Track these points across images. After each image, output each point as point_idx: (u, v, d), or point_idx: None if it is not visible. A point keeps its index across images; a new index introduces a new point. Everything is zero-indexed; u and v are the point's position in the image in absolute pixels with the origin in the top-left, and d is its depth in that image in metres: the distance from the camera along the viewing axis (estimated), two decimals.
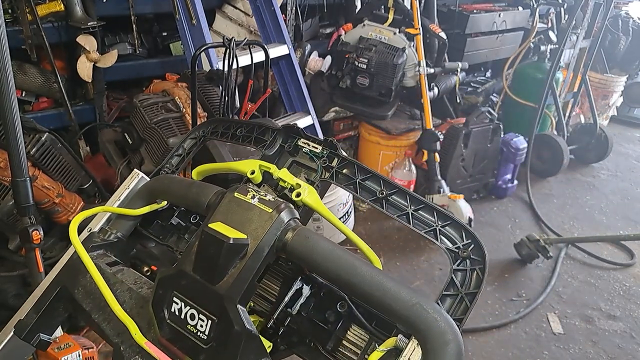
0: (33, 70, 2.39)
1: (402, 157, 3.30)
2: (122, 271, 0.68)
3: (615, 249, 3.21)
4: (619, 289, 2.86)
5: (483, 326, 2.46)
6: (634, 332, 2.54)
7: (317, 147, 0.76)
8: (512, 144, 3.49)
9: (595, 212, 3.67)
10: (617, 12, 4.90)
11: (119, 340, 0.62)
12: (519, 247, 2.95)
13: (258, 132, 0.81)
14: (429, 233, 0.67)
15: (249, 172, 0.73)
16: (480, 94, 4.23)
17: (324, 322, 0.68)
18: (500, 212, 3.52)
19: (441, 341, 0.49)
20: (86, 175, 2.30)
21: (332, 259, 0.57)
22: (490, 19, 3.88)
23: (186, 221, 0.81)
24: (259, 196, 0.60)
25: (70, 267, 0.70)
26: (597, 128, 4.18)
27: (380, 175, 0.72)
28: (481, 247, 0.63)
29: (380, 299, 0.53)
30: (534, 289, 2.79)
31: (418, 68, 3.07)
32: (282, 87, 2.89)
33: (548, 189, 3.91)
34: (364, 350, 0.65)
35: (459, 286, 0.62)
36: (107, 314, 0.64)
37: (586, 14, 3.78)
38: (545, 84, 3.71)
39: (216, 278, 0.56)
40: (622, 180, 4.20)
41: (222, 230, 0.56)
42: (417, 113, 3.42)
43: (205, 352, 0.55)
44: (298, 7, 3.13)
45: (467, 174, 3.41)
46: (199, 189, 0.68)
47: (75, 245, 0.67)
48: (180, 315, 0.57)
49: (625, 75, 4.87)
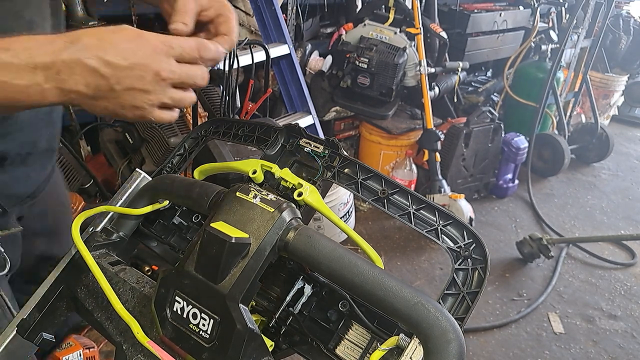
0: None
1: (403, 157, 3.30)
2: (124, 270, 0.68)
3: (616, 249, 3.21)
4: (620, 288, 2.86)
5: (484, 326, 2.46)
6: (635, 331, 2.54)
7: (319, 147, 0.76)
8: (513, 144, 3.49)
9: (596, 211, 3.67)
10: (618, 12, 4.90)
11: (121, 339, 0.62)
12: (521, 245, 2.96)
13: (260, 131, 0.82)
14: (431, 232, 0.67)
15: (251, 171, 0.73)
16: (481, 93, 4.23)
17: (326, 321, 0.68)
18: (501, 212, 3.52)
19: (443, 340, 0.49)
20: (87, 175, 2.30)
21: (334, 258, 0.57)
22: (491, 18, 3.88)
23: (188, 221, 0.81)
24: (260, 196, 0.60)
25: (73, 267, 0.70)
26: (598, 127, 4.18)
27: (381, 175, 0.72)
28: (482, 246, 0.63)
29: (381, 298, 0.53)
30: (535, 288, 2.79)
31: (419, 67, 3.07)
32: (283, 86, 2.89)
33: (549, 189, 3.91)
34: (365, 349, 0.65)
35: (460, 285, 0.62)
36: (110, 313, 0.64)
37: (587, 13, 3.78)
38: (546, 83, 3.71)
39: (218, 277, 0.56)
40: (623, 179, 4.19)
41: (224, 229, 0.56)
42: (418, 113, 3.42)
43: (208, 351, 0.55)
44: (299, 7, 3.13)
45: (468, 174, 3.41)
46: (200, 189, 0.68)
47: (78, 244, 0.67)
48: (182, 314, 0.57)
49: (626, 75, 4.87)
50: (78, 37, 0.59)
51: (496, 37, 3.98)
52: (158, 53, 0.60)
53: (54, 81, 0.58)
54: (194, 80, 0.65)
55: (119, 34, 0.60)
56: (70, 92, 0.59)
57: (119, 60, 0.58)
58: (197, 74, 0.65)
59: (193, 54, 0.63)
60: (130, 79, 0.59)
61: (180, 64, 0.63)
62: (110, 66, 0.58)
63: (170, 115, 0.66)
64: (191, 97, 0.67)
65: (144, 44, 0.60)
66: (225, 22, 0.75)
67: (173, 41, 0.62)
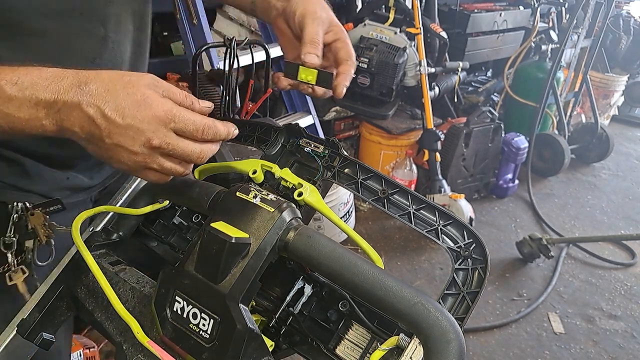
0: None
1: (403, 157, 3.30)
2: (124, 270, 0.68)
3: (616, 249, 3.21)
4: (620, 288, 2.86)
5: (484, 326, 2.46)
6: (635, 331, 2.54)
7: (319, 147, 0.76)
8: (513, 144, 3.49)
9: (596, 211, 3.67)
10: (618, 12, 4.90)
11: (121, 339, 0.62)
12: (521, 245, 2.96)
13: (260, 131, 0.81)
14: (431, 232, 0.67)
15: (251, 171, 0.73)
16: (481, 93, 4.23)
17: (326, 321, 0.68)
18: (501, 212, 3.52)
19: (443, 340, 0.49)
20: None
21: (334, 258, 0.57)
22: (491, 18, 3.88)
23: (188, 221, 0.81)
24: (260, 195, 0.60)
25: (73, 266, 0.70)
26: (598, 127, 4.18)
27: (382, 175, 0.72)
28: (483, 246, 0.63)
29: (382, 297, 0.53)
30: (535, 288, 2.79)
31: (419, 67, 3.07)
32: None
33: (549, 189, 3.91)
34: (365, 349, 0.65)
35: (460, 285, 0.62)
36: (110, 313, 0.64)
37: (587, 13, 3.78)
38: (546, 83, 3.71)
39: (218, 277, 0.56)
40: (623, 179, 4.19)
41: (224, 229, 0.56)
42: (418, 113, 3.42)
43: (208, 351, 0.55)
44: None
45: (468, 174, 3.41)
46: (201, 189, 0.68)
47: (78, 244, 0.67)
48: (182, 314, 0.57)
49: (627, 75, 4.87)
50: (88, 80, 0.59)
51: (496, 37, 3.98)
52: (157, 122, 0.59)
53: (53, 118, 0.60)
54: (189, 157, 0.62)
55: (128, 89, 0.59)
56: (67, 131, 0.60)
57: (115, 117, 0.58)
58: (194, 151, 0.62)
59: (195, 134, 0.62)
60: (122, 137, 0.59)
61: (179, 137, 0.61)
62: (106, 119, 0.58)
63: (160, 177, 0.65)
64: (182, 170, 0.65)
65: (146, 109, 0.59)
66: (343, 47, 0.78)
67: (178, 115, 0.60)
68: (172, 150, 0.61)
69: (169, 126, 0.60)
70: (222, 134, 0.64)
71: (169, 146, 0.60)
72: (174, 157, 0.62)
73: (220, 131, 0.64)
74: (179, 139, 0.61)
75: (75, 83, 0.59)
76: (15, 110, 0.59)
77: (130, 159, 0.61)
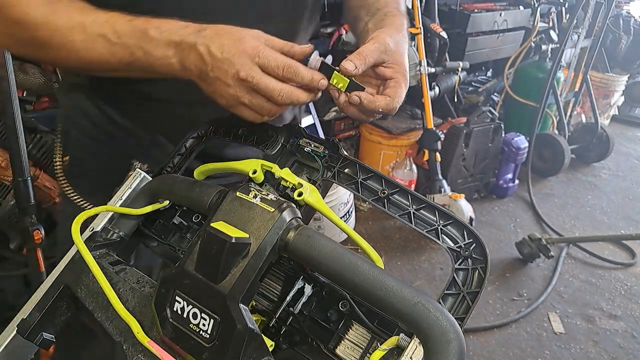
0: (34, 70, 2.39)
1: (403, 157, 3.30)
2: (124, 270, 0.68)
3: (616, 249, 3.21)
4: (620, 288, 2.86)
5: (484, 326, 2.46)
6: (635, 331, 2.54)
7: (319, 147, 0.76)
8: (513, 144, 3.49)
9: (596, 211, 3.67)
10: (619, 12, 4.90)
11: (121, 339, 0.62)
12: (521, 245, 2.96)
13: (260, 131, 0.82)
14: (431, 232, 0.67)
15: (251, 171, 0.73)
16: (481, 93, 4.23)
17: (326, 321, 0.68)
18: (501, 212, 3.52)
19: (443, 340, 0.49)
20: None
21: (334, 258, 0.57)
22: (491, 18, 3.88)
23: (188, 220, 0.81)
24: (260, 195, 0.60)
25: (73, 266, 0.70)
26: (598, 127, 4.18)
27: (382, 175, 0.72)
28: (483, 246, 0.63)
29: (382, 297, 0.53)
30: (535, 288, 2.79)
31: (419, 67, 3.07)
32: None
33: (549, 189, 3.91)
34: (365, 349, 0.65)
35: (460, 285, 0.62)
36: (110, 313, 0.64)
37: (587, 13, 3.78)
38: (546, 83, 3.71)
39: (218, 277, 0.56)
40: (623, 179, 4.19)
41: (224, 229, 0.56)
42: (418, 112, 3.42)
43: (208, 351, 0.55)
44: None
45: (468, 174, 3.41)
46: (201, 189, 0.68)
47: (78, 244, 0.67)
48: (182, 314, 0.57)
49: (627, 75, 4.87)
50: (206, 27, 0.69)
51: (496, 37, 3.98)
52: (245, 56, 0.66)
53: (179, 57, 0.70)
54: (271, 94, 0.68)
55: (231, 31, 0.68)
56: (187, 69, 0.70)
57: (216, 52, 0.67)
58: (275, 88, 0.67)
59: (276, 70, 0.67)
60: (219, 70, 0.67)
61: (263, 73, 0.67)
62: (211, 55, 0.67)
63: (253, 115, 0.71)
64: (270, 108, 0.70)
65: (237, 44, 0.66)
66: (394, 86, 0.78)
67: (263, 51, 0.67)
68: (256, 85, 0.67)
69: (254, 60, 0.66)
70: (305, 76, 0.69)
71: (254, 79, 0.66)
72: (259, 92, 0.68)
73: (302, 73, 0.69)
74: (262, 74, 0.67)
75: (197, 29, 0.69)
76: (153, 49, 0.70)
77: (226, 92, 0.68)
